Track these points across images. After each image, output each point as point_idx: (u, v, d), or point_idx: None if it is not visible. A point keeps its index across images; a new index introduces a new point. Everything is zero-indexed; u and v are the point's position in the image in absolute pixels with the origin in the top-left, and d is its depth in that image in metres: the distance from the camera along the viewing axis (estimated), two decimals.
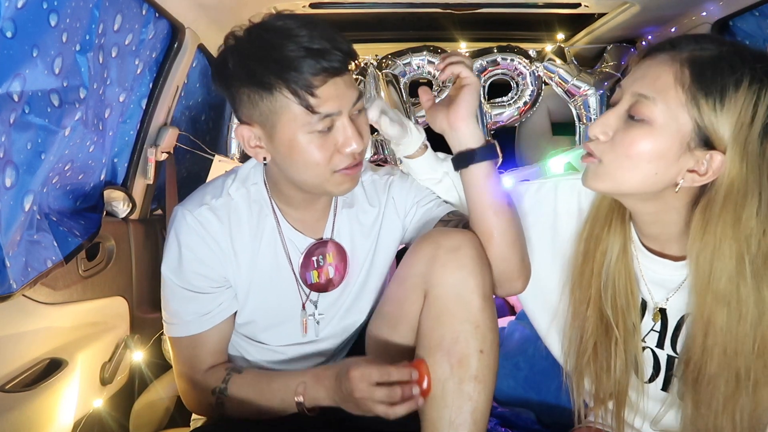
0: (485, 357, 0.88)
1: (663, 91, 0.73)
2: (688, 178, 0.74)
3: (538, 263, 0.99)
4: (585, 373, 0.93)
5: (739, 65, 0.70)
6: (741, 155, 0.71)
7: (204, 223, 0.96)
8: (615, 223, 0.88)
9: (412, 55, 2.14)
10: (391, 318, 0.99)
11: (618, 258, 0.87)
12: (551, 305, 1.00)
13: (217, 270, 0.98)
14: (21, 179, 0.93)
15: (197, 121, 1.85)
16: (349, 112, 0.89)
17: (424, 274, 0.91)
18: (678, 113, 0.72)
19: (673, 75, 0.73)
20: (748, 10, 1.44)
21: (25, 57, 0.85)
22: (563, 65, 2.19)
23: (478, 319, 0.89)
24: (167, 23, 1.36)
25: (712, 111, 0.70)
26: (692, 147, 0.73)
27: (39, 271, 1.02)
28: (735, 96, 0.70)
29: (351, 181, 0.93)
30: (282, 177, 0.96)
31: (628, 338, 0.88)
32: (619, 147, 0.76)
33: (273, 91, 0.84)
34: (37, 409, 1.06)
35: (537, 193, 0.99)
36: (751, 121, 0.70)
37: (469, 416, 0.86)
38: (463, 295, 0.89)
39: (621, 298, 0.87)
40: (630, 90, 0.77)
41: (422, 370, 0.87)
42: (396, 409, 0.83)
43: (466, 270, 0.89)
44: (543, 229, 0.99)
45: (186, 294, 0.97)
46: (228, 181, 1.01)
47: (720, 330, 0.76)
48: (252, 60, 0.85)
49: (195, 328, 0.98)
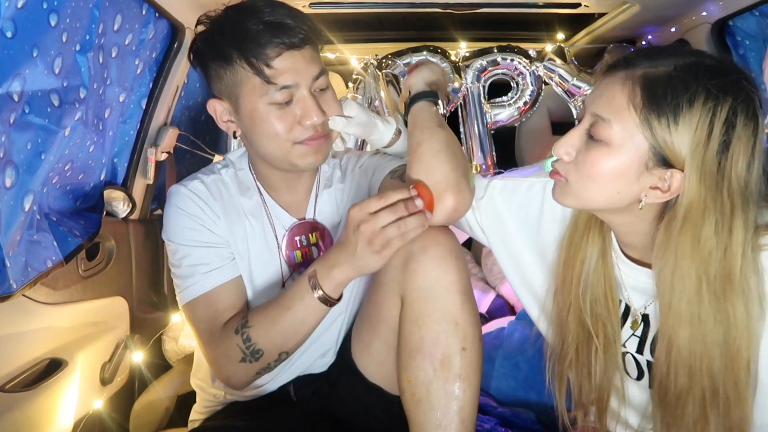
0: (468, 354, 0.87)
1: (617, 112, 0.73)
2: (651, 195, 0.74)
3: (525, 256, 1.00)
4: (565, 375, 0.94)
5: (692, 82, 0.69)
6: (698, 174, 0.70)
7: (196, 191, 1.02)
8: (593, 231, 0.89)
9: (412, 55, 2.13)
10: (372, 322, 1.00)
11: (596, 266, 0.88)
12: (540, 299, 1.00)
13: (211, 228, 1.00)
14: (21, 179, 0.93)
15: (197, 121, 1.85)
16: (309, 87, 0.92)
17: (397, 281, 0.91)
18: (633, 134, 0.72)
19: (626, 96, 0.72)
20: (748, 10, 1.45)
21: (25, 57, 0.85)
22: (563, 65, 2.19)
23: (457, 317, 0.88)
24: (167, 23, 1.36)
25: (666, 130, 0.70)
26: (650, 167, 0.73)
27: (39, 271, 1.02)
28: (689, 114, 0.69)
29: (315, 153, 0.96)
30: (255, 155, 1.02)
31: (608, 345, 0.88)
32: (581, 167, 0.77)
33: (233, 63, 0.90)
34: (37, 409, 1.06)
35: (527, 192, 0.99)
36: (707, 139, 0.69)
37: (456, 416, 0.86)
38: (438, 294, 0.88)
39: (600, 306, 0.87)
40: (589, 110, 0.77)
41: (420, 187, 0.84)
42: (408, 226, 0.80)
43: (438, 269, 0.88)
44: (530, 228, 0.99)
45: (188, 251, 0.98)
46: (218, 165, 1.09)
47: (684, 349, 0.75)
48: (217, 35, 0.92)
49: (204, 286, 0.98)
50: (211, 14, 0.94)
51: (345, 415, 1.07)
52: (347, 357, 1.06)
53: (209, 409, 1.13)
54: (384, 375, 1.01)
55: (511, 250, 1.01)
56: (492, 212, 1.01)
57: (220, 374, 0.97)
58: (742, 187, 0.71)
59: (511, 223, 1.00)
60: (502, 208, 1.00)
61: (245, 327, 0.93)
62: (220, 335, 0.96)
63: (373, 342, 1.00)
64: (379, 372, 1.02)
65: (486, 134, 2.26)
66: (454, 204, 0.88)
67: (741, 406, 0.74)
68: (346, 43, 2.12)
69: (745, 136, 0.69)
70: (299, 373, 1.10)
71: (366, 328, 1.02)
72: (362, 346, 1.03)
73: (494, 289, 2.20)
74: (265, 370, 0.95)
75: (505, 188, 1.00)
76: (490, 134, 2.29)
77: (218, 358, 0.96)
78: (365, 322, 1.02)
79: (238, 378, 0.96)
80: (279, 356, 0.94)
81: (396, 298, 0.92)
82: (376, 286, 0.97)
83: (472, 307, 0.91)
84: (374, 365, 1.02)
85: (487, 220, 1.01)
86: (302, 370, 1.10)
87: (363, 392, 1.04)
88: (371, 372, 1.03)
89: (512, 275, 1.04)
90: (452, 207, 0.88)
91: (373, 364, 1.02)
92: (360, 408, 1.05)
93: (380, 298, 0.96)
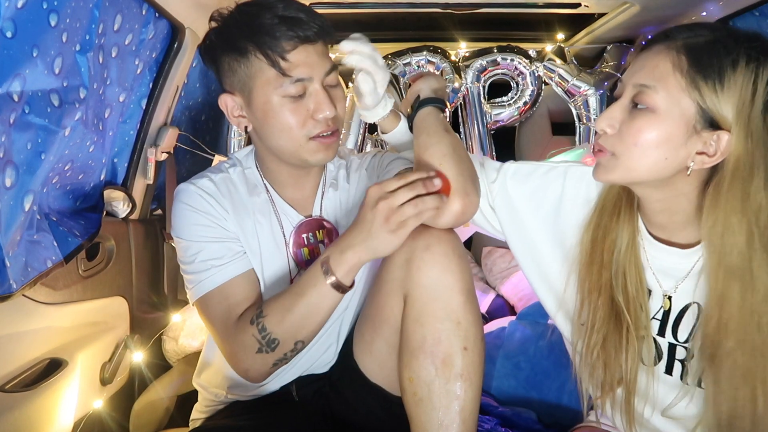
0: (470, 354, 0.88)
1: (662, 78, 0.75)
2: (698, 160, 0.76)
3: (541, 243, 0.99)
4: (595, 361, 0.94)
5: (733, 46, 0.73)
6: (745, 132, 0.73)
7: (204, 188, 1.02)
8: (623, 212, 0.90)
9: (412, 55, 2.14)
10: (374, 321, 1.00)
11: (627, 247, 0.89)
12: (557, 291, 1.00)
13: (222, 224, 1.00)
14: (21, 179, 0.93)
15: (197, 121, 1.85)
16: (322, 81, 0.94)
17: (400, 279, 0.92)
18: (680, 98, 0.75)
19: (670, 62, 0.75)
20: (748, 10, 1.45)
21: (25, 57, 0.85)
22: (563, 65, 2.19)
23: (459, 316, 0.88)
24: (167, 23, 1.36)
25: (712, 92, 0.73)
26: (698, 129, 0.75)
27: (39, 271, 1.02)
28: (733, 76, 0.72)
29: (325, 150, 0.97)
30: (265, 150, 1.02)
31: (638, 325, 0.89)
32: (626, 137, 0.78)
33: (248, 56, 0.92)
34: (37, 409, 1.06)
35: (545, 175, 0.99)
36: (752, 99, 0.72)
37: (458, 416, 0.86)
38: (441, 293, 0.88)
39: (632, 286, 0.89)
40: (631, 82, 0.79)
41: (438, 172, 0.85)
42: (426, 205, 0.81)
43: (440, 267, 0.89)
44: (546, 211, 0.99)
45: (200, 246, 0.98)
46: (225, 164, 1.09)
47: (734, 304, 0.77)
48: (231, 29, 0.93)
49: (217, 280, 0.97)
50: (224, 11, 0.96)
51: (346, 416, 1.07)
52: (349, 357, 1.06)
53: (210, 409, 1.13)
54: (386, 375, 1.01)
55: (526, 237, 1.01)
56: (504, 195, 1.01)
57: (238, 367, 0.96)
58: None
59: (524, 207, 1.00)
60: (513, 190, 1.00)
61: (260, 317, 0.92)
62: (235, 327, 0.95)
63: (375, 342, 1.00)
64: (380, 372, 1.02)
65: (486, 134, 2.26)
66: (462, 207, 0.89)
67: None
68: None
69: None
70: (301, 373, 1.10)
71: (368, 327, 1.02)
72: (364, 345, 1.03)
73: (494, 289, 2.20)
74: (282, 361, 0.94)
75: (519, 171, 1.01)
76: (490, 134, 2.29)
77: (235, 351, 0.94)
78: (368, 321, 1.03)
79: (255, 369, 0.94)
80: (295, 345, 0.93)
81: (399, 297, 0.93)
82: (379, 285, 0.97)
83: (475, 307, 0.91)
84: (376, 365, 1.02)
85: (500, 203, 1.02)
86: (304, 370, 1.10)
87: (364, 392, 1.04)
88: (373, 372, 1.03)
89: (527, 265, 1.03)
90: (459, 210, 0.89)
91: (374, 364, 1.02)
92: (361, 408, 1.05)
93: (383, 297, 0.96)
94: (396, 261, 0.92)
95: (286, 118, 0.93)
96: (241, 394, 1.09)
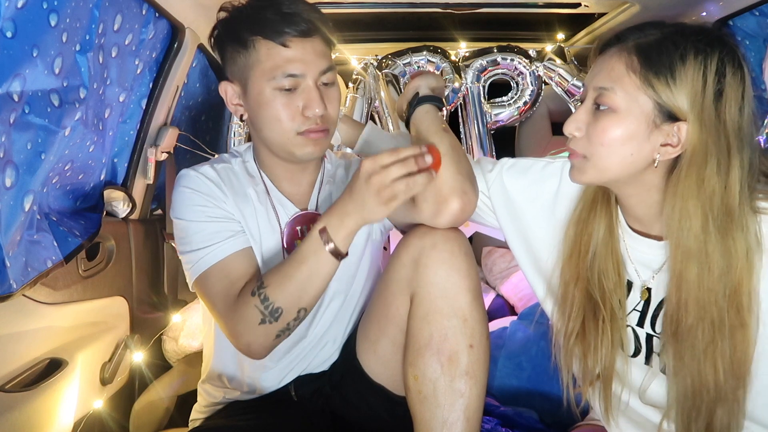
0: (475, 351, 0.89)
1: (618, 79, 0.80)
2: (663, 152, 0.80)
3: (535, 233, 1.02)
4: (572, 347, 0.96)
5: (681, 41, 0.77)
6: (699, 121, 0.77)
7: (205, 173, 1.04)
8: (601, 206, 0.93)
9: (412, 55, 2.14)
10: (380, 320, 1.00)
11: (604, 239, 0.92)
12: (546, 277, 1.02)
13: (220, 205, 1.01)
14: (21, 179, 0.93)
15: (197, 121, 1.85)
16: (316, 79, 0.96)
17: (407, 278, 0.93)
18: (637, 96, 0.79)
19: (624, 64, 0.80)
20: (748, 10, 1.45)
21: (25, 57, 0.85)
22: (563, 65, 2.19)
23: (466, 314, 0.89)
24: (167, 23, 1.36)
25: (666, 87, 0.77)
26: (658, 123, 0.79)
27: (39, 271, 1.02)
28: (683, 69, 0.76)
29: (314, 145, 0.99)
30: (260, 142, 1.05)
31: (614, 317, 0.91)
32: (593, 138, 0.83)
33: (248, 47, 0.95)
34: (37, 409, 1.06)
35: (543, 170, 1.02)
36: (703, 89, 0.76)
37: (462, 414, 0.86)
38: (448, 291, 0.90)
39: (608, 279, 0.92)
40: (591, 85, 0.84)
41: (431, 147, 0.86)
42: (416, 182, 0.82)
43: (447, 265, 0.91)
44: (542, 205, 1.01)
45: (200, 226, 0.98)
46: (226, 156, 1.12)
47: (692, 283, 0.81)
48: (236, 21, 0.98)
49: (216, 255, 0.97)
50: (235, 3, 1.00)
51: (347, 415, 1.07)
52: (351, 356, 1.06)
53: (210, 409, 1.13)
54: (389, 375, 1.01)
55: (519, 225, 1.03)
56: (500, 185, 1.04)
57: (239, 342, 0.94)
58: (736, 129, 0.78)
59: (520, 197, 1.02)
60: (509, 182, 1.03)
61: (261, 288, 0.92)
62: (236, 302, 0.94)
63: (380, 341, 1.00)
64: (384, 372, 1.02)
65: (486, 134, 2.26)
66: (460, 206, 0.92)
67: (743, 330, 0.80)
68: (346, 43, 2.12)
69: (735, 84, 0.77)
70: (300, 373, 1.10)
71: (373, 326, 1.02)
72: (369, 345, 1.03)
73: (494, 289, 2.20)
74: (284, 332, 0.93)
75: (516, 165, 1.04)
76: (490, 134, 2.29)
77: (236, 325, 0.93)
78: (373, 320, 1.03)
79: (259, 343, 0.93)
80: (298, 313, 0.92)
81: (405, 296, 0.93)
82: (385, 284, 0.98)
83: (481, 305, 0.92)
84: (380, 365, 1.02)
85: (496, 192, 1.04)
86: (302, 370, 1.10)
87: (367, 392, 1.04)
88: (377, 372, 1.03)
89: (519, 251, 1.05)
90: (458, 209, 0.92)
91: (379, 363, 1.02)
92: (363, 408, 1.05)
93: (389, 296, 0.96)
94: (403, 260, 0.93)
95: (277, 110, 0.95)
96: (241, 394, 1.09)
